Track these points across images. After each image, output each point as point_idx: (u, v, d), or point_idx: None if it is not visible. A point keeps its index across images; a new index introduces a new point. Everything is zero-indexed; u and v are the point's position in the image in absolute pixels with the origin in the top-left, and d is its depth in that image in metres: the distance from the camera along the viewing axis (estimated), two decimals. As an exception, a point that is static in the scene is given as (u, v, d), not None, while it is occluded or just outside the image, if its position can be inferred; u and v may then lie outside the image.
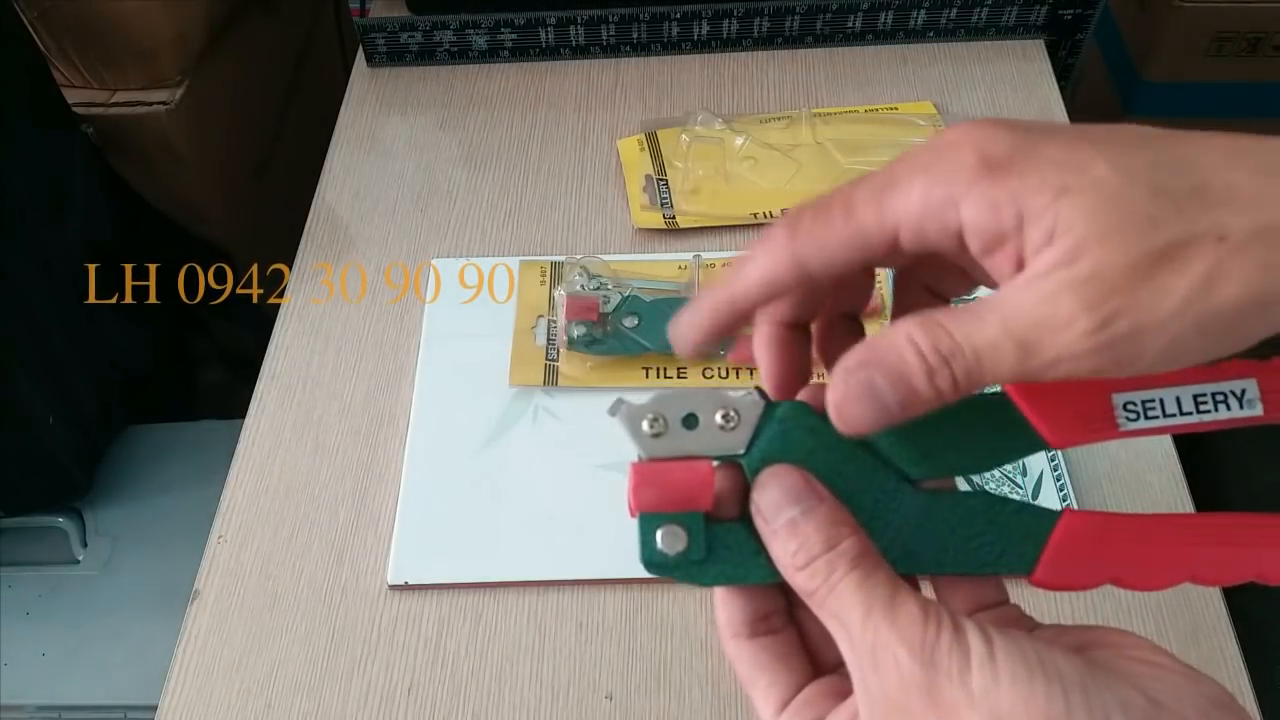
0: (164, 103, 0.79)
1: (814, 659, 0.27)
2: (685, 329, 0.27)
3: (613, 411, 0.26)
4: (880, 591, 0.23)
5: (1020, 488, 0.51)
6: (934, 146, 0.23)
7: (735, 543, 0.26)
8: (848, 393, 0.23)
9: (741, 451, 0.26)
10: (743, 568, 0.26)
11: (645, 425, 0.26)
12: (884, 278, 0.60)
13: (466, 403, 0.56)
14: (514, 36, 0.74)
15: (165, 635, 0.51)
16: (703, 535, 0.26)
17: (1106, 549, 0.25)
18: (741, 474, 0.26)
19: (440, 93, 0.74)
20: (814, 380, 0.28)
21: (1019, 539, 0.25)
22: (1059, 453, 0.52)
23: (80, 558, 0.74)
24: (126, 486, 0.77)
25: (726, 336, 0.26)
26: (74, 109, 0.76)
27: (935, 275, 0.27)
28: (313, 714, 0.48)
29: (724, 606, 0.27)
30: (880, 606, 0.23)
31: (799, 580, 0.24)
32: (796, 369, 0.28)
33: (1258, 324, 0.20)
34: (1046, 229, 0.21)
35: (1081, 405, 0.25)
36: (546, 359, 0.58)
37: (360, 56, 0.76)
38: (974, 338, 0.22)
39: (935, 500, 0.26)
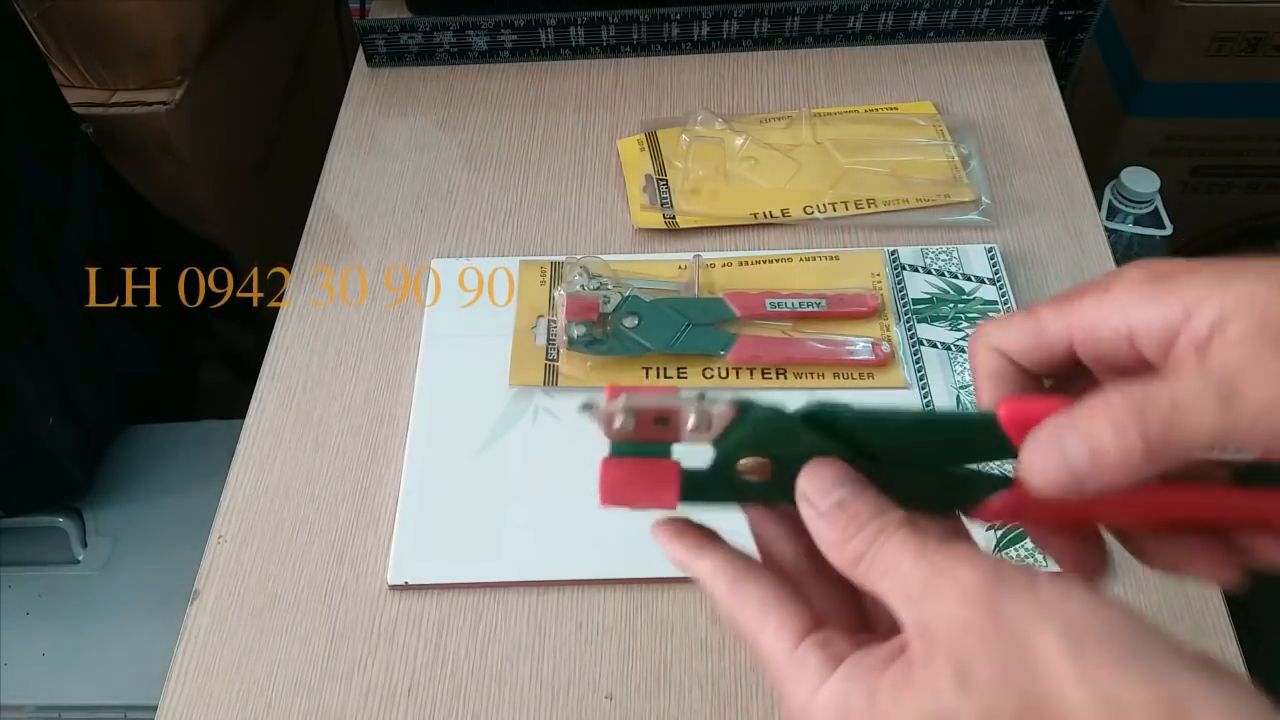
0: (164, 103, 0.79)
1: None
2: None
3: (584, 409, 0.26)
4: (933, 535, 0.24)
5: None
6: (1109, 275, 0.26)
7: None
8: (1035, 448, 0.24)
9: (710, 444, 0.27)
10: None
11: (617, 422, 0.26)
12: (884, 277, 0.60)
13: (466, 403, 0.56)
14: (514, 37, 0.74)
15: (165, 635, 0.51)
16: None
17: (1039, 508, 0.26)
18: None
19: (440, 93, 0.74)
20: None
21: (973, 497, 0.27)
22: None
23: (80, 558, 0.74)
24: (127, 487, 0.77)
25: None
26: (74, 109, 0.76)
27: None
28: (313, 714, 0.48)
29: (714, 560, 0.27)
30: (934, 543, 0.24)
31: (848, 550, 0.25)
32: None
33: None
34: (1217, 307, 0.23)
35: None
36: (546, 359, 0.58)
37: (360, 57, 0.76)
38: (1170, 390, 0.23)
39: (898, 476, 0.26)
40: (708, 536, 0.28)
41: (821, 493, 0.26)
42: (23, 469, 0.72)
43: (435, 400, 0.57)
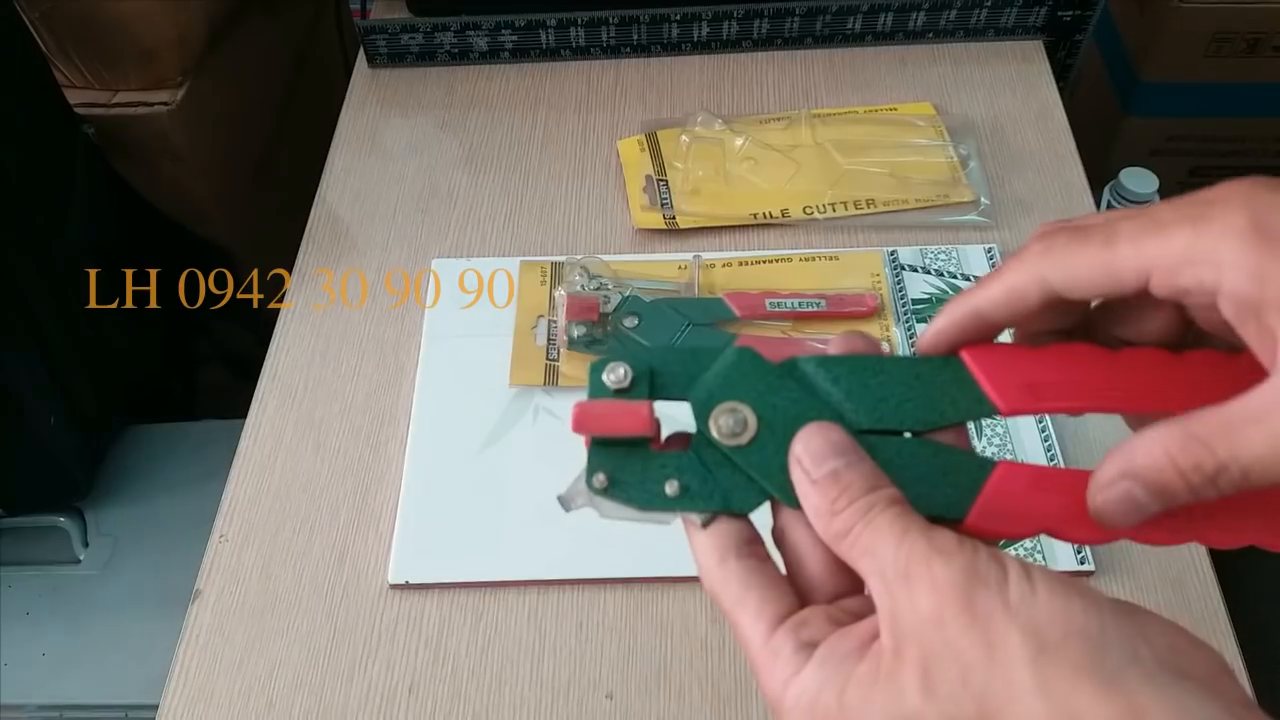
0: (165, 103, 0.79)
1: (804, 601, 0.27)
2: (929, 333, 0.27)
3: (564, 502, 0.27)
4: (916, 522, 0.24)
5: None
6: (1205, 199, 0.22)
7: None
8: (1108, 501, 0.24)
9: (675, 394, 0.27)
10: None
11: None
12: (884, 277, 0.60)
13: (467, 403, 0.56)
14: (514, 38, 0.74)
15: (166, 635, 0.51)
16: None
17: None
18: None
19: (441, 94, 0.74)
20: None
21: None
22: (1057, 449, 0.52)
23: (81, 557, 0.75)
24: (127, 486, 0.77)
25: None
26: (75, 109, 0.76)
27: (1133, 317, 0.27)
28: (314, 713, 0.48)
29: (702, 544, 0.27)
30: (917, 530, 0.23)
31: (835, 524, 0.24)
32: None
33: None
34: None
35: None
36: (547, 359, 0.58)
37: (361, 58, 0.76)
38: (1240, 454, 0.22)
39: (879, 444, 0.26)
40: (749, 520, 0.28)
41: (817, 459, 0.25)
42: (24, 469, 0.73)
43: (436, 400, 0.57)
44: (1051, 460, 0.52)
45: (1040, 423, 0.54)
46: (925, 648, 0.22)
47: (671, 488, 0.26)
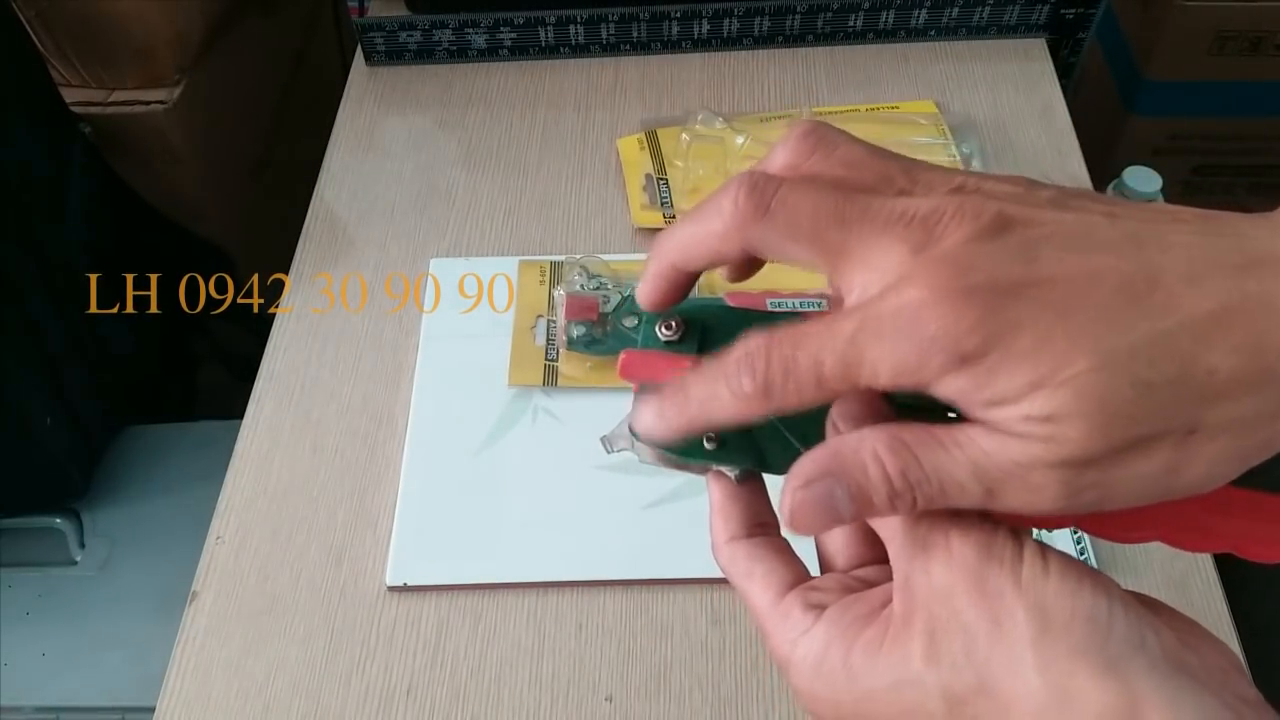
0: (162, 102, 0.79)
1: (824, 569, 0.27)
2: (642, 298, 0.29)
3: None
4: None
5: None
6: (894, 312, 0.21)
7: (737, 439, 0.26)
8: (805, 500, 0.23)
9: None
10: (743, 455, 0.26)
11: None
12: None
13: (465, 403, 0.56)
14: (513, 35, 0.73)
15: (164, 636, 0.51)
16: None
17: None
18: None
19: (439, 92, 0.74)
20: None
21: None
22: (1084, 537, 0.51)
23: (78, 559, 0.74)
24: (124, 487, 0.77)
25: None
26: (72, 108, 0.75)
27: None
28: (311, 715, 0.47)
29: (720, 512, 0.27)
30: (966, 513, 0.23)
31: None
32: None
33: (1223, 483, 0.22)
34: (1025, 412, 0.20)
35: None
36: (546, 359, 0.57)
37: (359, 55, 0.76)
38: (943, 473, 0.22)
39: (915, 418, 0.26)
40: (742, 489, 0.28)
41: (852, 424, 0.25)
42: (20, 469, 0.72)
43: (434, 400, 0.56)
44: (1078, 545, 0.51)
45: None
46: (934, 617, 0.22)
47: (709, 441, 0.26)
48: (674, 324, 0.27)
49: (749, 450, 0.26)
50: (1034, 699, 0.21)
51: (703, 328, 0.27)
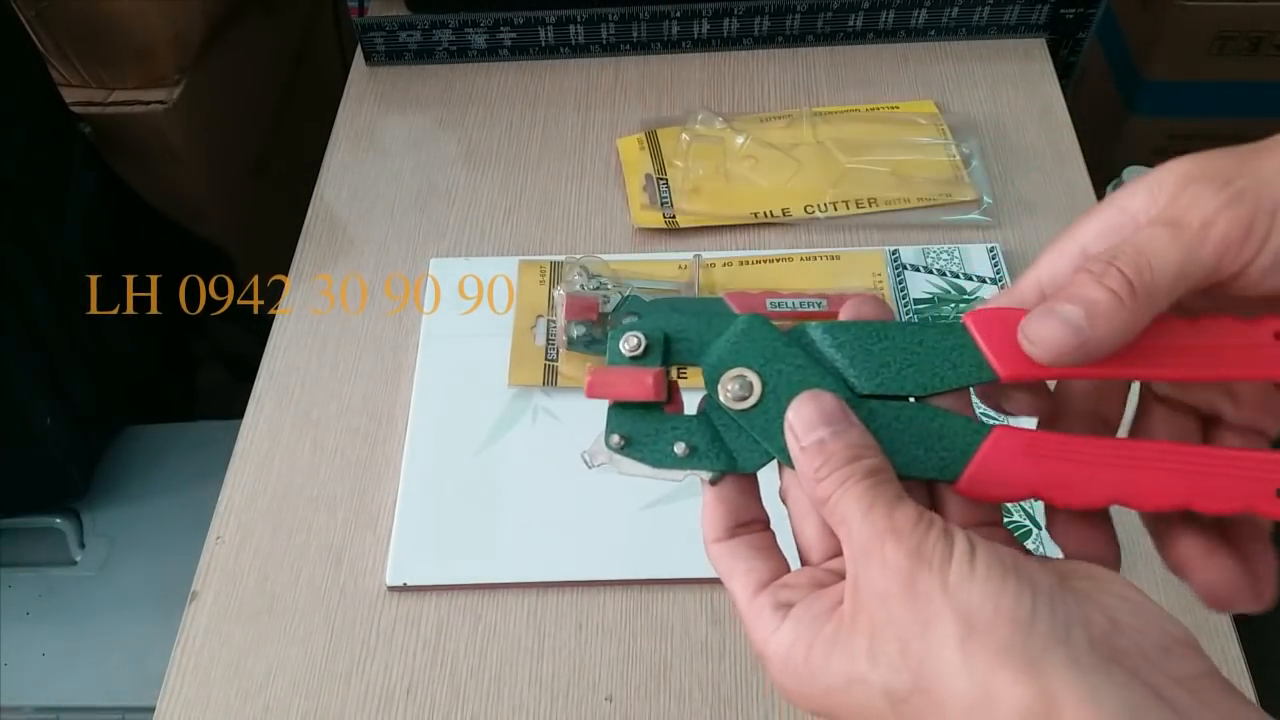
0: (162, 102, 0.79)
1: (803, 561, 0.28)
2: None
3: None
4: (884, 496, 0.24)
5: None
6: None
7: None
8: (1035, 321, 0.25)
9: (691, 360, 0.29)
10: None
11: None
12: (885, 277, 0.60)
13: (465, 403, 0.56)
14: (513, 35, 0.73)
15: (163, 636, 0.51)
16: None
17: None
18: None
19: (439, 91, 0.74)
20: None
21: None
22: None
23: (78, 559, 0.74)
24: (124, 487, 0.77)
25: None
26: (72, 108, 0.75)
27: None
28: (311, 715, 0.47)
29: (706, 514, 0.28)
30: (882, 506, 0.24)
31: (817, 490, 0.26)
32: None
33: None
34: (1146, 189, 0.27)
35: None
36: (546, 359, 0.57)
37: (359, 55, 0.76)
38: (1133, 240, 0.24)
39: (880, 408, 0.27)
40: (728, 490, 0.29)
41: (806, 427, 0.26)
42: (20, 469, 0.72)
43: (434, 400, 0.56)
44: None
45: None
46: (874, 619, 0.23)
47: (681, 448, 0.28)
48: (636, 340, 0.28)
49: (720, 454, 0.28)
50: (963, 699, 0.22)
51: (667, 339, 0.28)
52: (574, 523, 0.51)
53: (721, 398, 0.28)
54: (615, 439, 0.28)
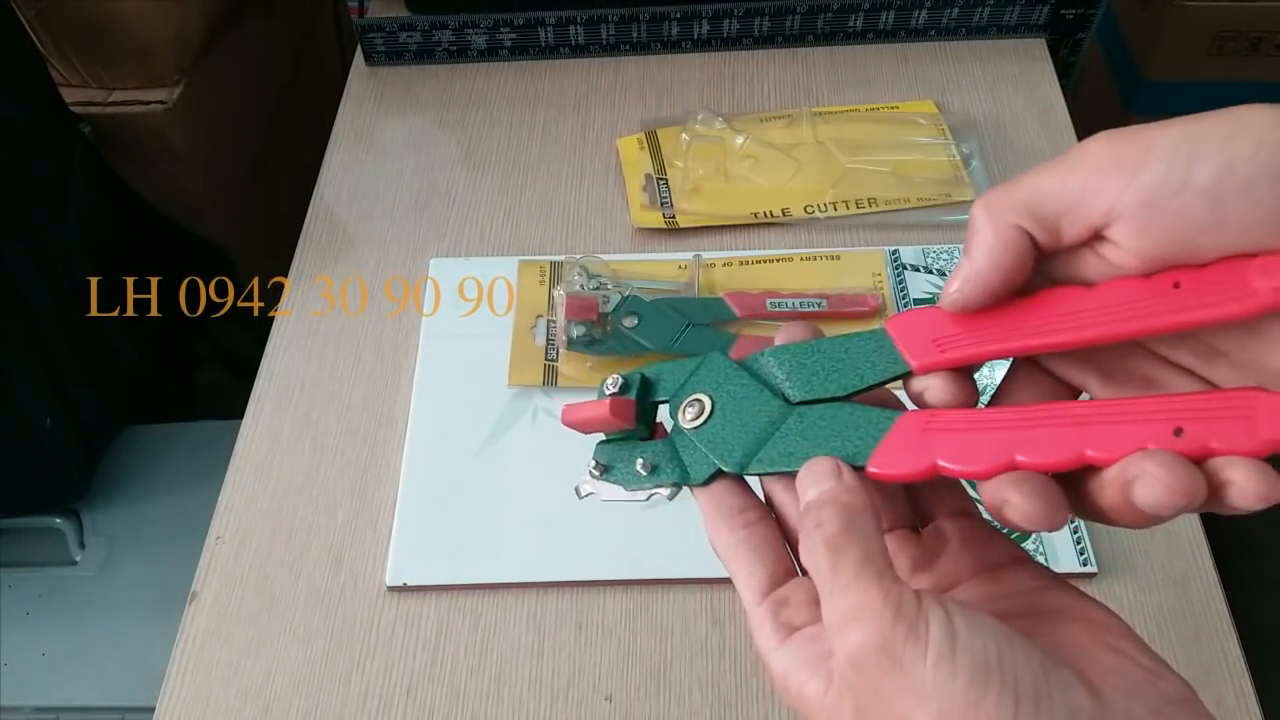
0: (162, 102, 0.79)
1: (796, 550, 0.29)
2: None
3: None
4: (849, 564, 0.24)
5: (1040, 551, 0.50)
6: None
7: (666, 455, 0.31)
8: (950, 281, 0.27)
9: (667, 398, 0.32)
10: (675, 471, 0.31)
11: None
12: (885, 277, 0.60)
13: (465, 403, 0.56)
14: (513, 35, 0.73)
15: (163, 637, 0.51)
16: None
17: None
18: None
19: (439, 92, 0.74)
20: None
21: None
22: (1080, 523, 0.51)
23: (78, 559, 0.74)
24: (124, 487, 0.77)
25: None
26: (72, 108, 0.75)
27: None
28: (311, 715, 0.47)
29: (702, 512, 0.30)
30: (849, 577, 0.24)
31: (803, 554, 0.26)
32: None
33: None
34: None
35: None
36: (546, 359, 0.57)
37: (359, 56, 0.76)
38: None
39: (808, 411, 0.29)
40: (718, 490, 0.30)
41: (803, 489, 0.27)
42: (20, 469, 0.72)
43: (434, 401, 0.56)
44: (1078, 546, 0.51)
45: None
46: (858, 701, 0.24)
47: (645, 468, 0.31)
48: (612, 380, 0.32)
49: (676, 468, 0.30)
50: None
51: (644, 380, 0.32)
52: (574, 523, 0.51)
53: (680, 420, 0.31)
54: (595, 467, 0.32)
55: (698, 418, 0.30)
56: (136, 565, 0.73)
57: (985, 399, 0.29)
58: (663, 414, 0.32)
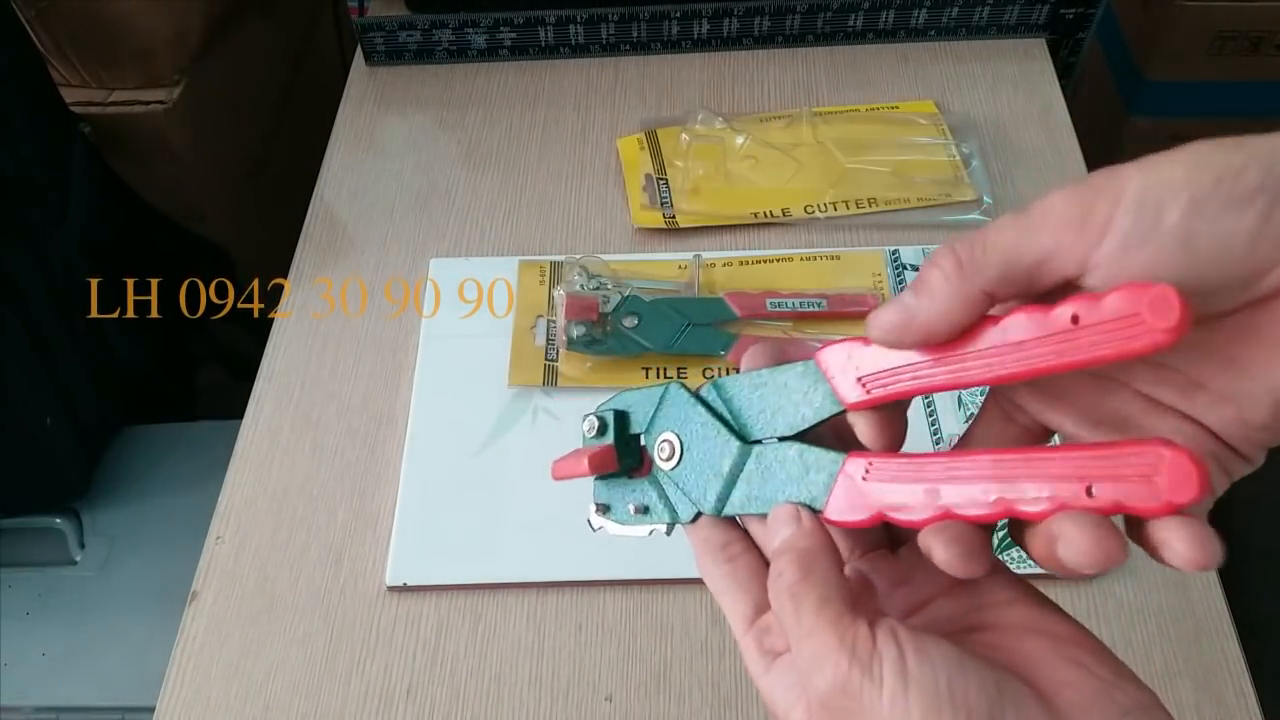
0: (161, 102, 0.79)
1: None
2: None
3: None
4: (809, 608, 0.25)
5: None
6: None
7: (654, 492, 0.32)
8: (876, 310, 0.26)
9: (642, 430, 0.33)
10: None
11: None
12: (885, 277, 0.60)
13: (465, 403, 0.56)
14: (513, 35, 0.73)
15: (163, 636, 0.51)
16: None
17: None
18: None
19: (439, 92, 0.74)
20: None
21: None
22: None
23: (78, 559, 0.74)
24: (124, 487, 0.77)
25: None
26: (71, 108, 0.76)
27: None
28: (311, 716, 0.47)
29: (692, 547, 0.31)
30: (810, 622, 0.25)
31: (771, 597, 0.27)
32: None
33: None
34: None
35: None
36: (546, 359, 0.57)
37: (359, 55, 0.76)
38: (989, 251, 0.25)
39: (764, 451, 0.29)
40: (707, 525, 0.31)
41: (769, 536, 0.28)
42: (20, 469, 0.72)
43: (434, 401, 0.56)
44: None
45: None
46: None
47: (634, 509, 0.32)
48: (588, 424, 0.33)
49: (666, 508, 0.31)
50: None
51: (617, 415, 0.33)
52: (574, 523, 0.51)
53: (657, 461, 0.31)
54: (595, 505, 0.33)
55: (670, 458, 0.31)
56: (136, 565, 0.73)
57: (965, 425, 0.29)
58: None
